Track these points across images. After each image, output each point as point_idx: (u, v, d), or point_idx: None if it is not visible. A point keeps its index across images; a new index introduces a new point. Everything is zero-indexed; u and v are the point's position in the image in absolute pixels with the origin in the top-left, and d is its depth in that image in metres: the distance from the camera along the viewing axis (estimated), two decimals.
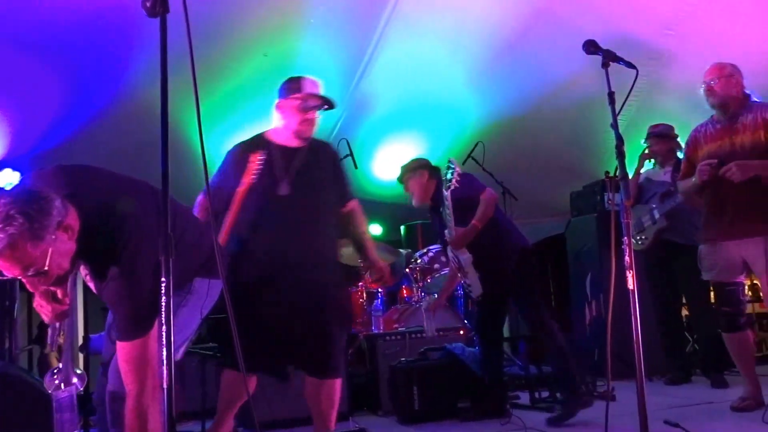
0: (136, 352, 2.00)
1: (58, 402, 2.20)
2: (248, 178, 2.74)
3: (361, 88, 5.54)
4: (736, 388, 4.15)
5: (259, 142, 2.91)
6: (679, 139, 4.77)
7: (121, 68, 4.70)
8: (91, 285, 2.12)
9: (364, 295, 4.81)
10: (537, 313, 3.79)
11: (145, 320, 1.98)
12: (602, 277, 5.01)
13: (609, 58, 2.24)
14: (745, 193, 3.50)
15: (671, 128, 4.88)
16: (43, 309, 2.12)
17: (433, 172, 4.04)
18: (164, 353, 1.68)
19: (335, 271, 2.95)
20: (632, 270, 2.01)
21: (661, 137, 4.83)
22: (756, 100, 3.67)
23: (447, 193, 3.61)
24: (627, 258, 2.03)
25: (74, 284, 2.20)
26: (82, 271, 2.12)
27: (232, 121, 5.43)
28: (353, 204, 3.09)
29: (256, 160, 2.76)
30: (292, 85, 2.92)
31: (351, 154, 4.90)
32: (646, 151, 4.85)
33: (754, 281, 5.27)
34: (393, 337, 4.28)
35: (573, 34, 2.52)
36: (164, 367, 1.68)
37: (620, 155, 2.07)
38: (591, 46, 2.32)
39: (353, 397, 4.06)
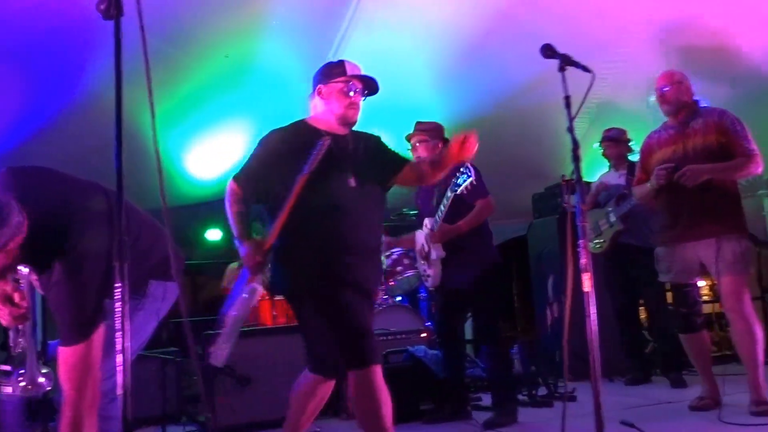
0: (77, 358, 1.97)
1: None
2: (314, 164, 2.52)
3: None
4: (694, 388, 4.24)
5: (303, 128, 2.74)
6: (632, 143, 4.88)
7: (79, 71, 4.60)
8: (38, 287, 2.09)
9: None
10: (489, 321, 3.84)
11: (87, 325, 1.95)
12: (564, 279, 5.06)
13: (565, 62, 2.25)
14: (700, 197, 3.58)
15: (624, 132, 4.98)
16: (1, 312, 2.09)
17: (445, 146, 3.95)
18: (120, 359, 1.66)
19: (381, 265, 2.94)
20: (588, 272, 2.03)
21: (614, 141, 4.94)
22: (704, 105, 3.78)
23: (450, 194, 3.54)
24: (583, 260, 2.04)
25: (32, 288, 2.17)
26: (30, 274, 2.09)
27: (192, 122, 5.37)
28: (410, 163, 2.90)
29: (325, 145, 2.55)
30: (335, 69, 2.77)
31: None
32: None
33: (715, 282, 5.40)
34: None
35: (535, 36, 2.53)
36: (119, 374, 1.66)
37: (575, 159, 2.10)
38: (548, 51, 2.34)
39: None
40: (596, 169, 5.33)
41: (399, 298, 5.27)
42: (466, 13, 4.74)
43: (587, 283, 2.03)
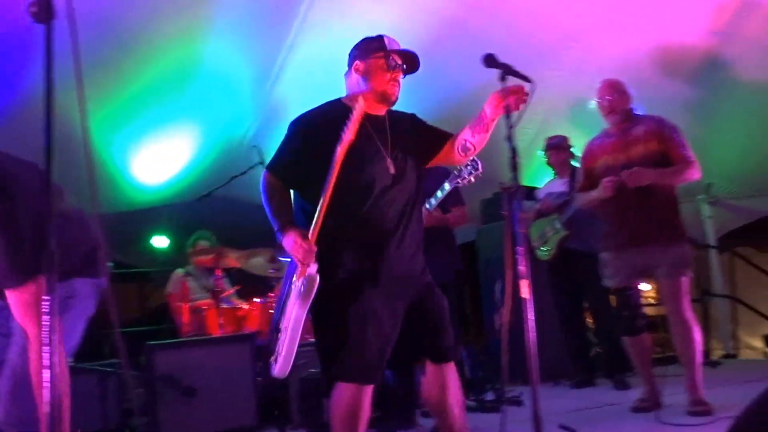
0: (30, 295, 2.02)
1: None
2: (350, 135, 2.34)
3: (274, 94, 5.46)
4: (637, 390, 4.32)
5: (338, 108, 2.55)
6: (574, 149, 4.97)
7: (18, 74, 4.47)
8: None
9: (274, 305, 4.72)
10: None
11: (29, 265, 2.00)
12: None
13: (506, 72, 2.28)
14: (644, 202, 3.68)
15: (566, 139, 5.07)
16: None
17: None
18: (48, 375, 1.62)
19: (423, 260, 2.61)
20: (527, 279, 2.05)
21: (557, 148, 5.02)
22: (639, 113, 3.86)
23: (449, 184, 3.50)
24: (522, 267, 2.07)
25: None
26: None
27: (138, 126, 5.26)
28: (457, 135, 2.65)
29: (360, 111, 2.36)
30: (373, 43, 2.58)
31: (263, 162, 4.82)
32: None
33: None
34: (304, 348, 4.21)
35: (483, 44, 2.55)
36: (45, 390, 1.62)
37: (514, 167, 2.11)
38: (489, 61, 2.36)
39: (261, 411, 3.98)
40: (544, 176, 5.41)
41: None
42: (414, 19, 4.76)
43: (526, 290, 2.04)
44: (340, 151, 2.36)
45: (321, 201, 2.37)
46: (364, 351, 2.38)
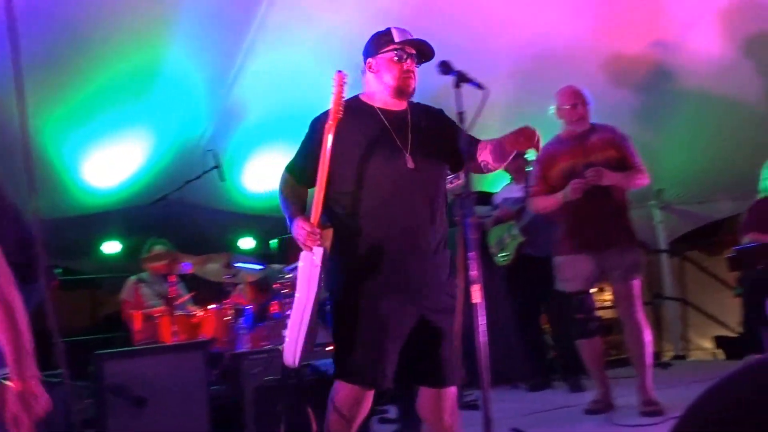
0: None
1: None
2: (336, 106, 2.32)
3: (230, 97, 5.40)
4: (592, 392, 4.38)
5: (355, 106, 2.50)
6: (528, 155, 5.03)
7: None
8: None
9: (230, 312, 4.66)
10: None
11: None
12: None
13: (460, 78, 2.28)
14: (603, 207, 3.75)
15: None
16: None
17: None
18: None
19: (446, 262, 2.53)
20: (478, 284, 2.06)
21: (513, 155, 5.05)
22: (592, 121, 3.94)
23: None
24: (473, 272, 2.07)
25: None
26: None
27: (91, 128, 5.13)
28: (481, 146, 2.56)
29: (340, 81, 2.32)
30: (382, 38, 2.53)
31: (218, 166, 4.77)
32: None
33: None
34: (259, 356, 4.16)
35: (442, 50, 2.54)
36: None
37: (466, 173, 2.12)
38: (444, 67, 2.36)
39: (215, 421, 3.89)
40: (502, 181, 5.45)
41: None
42: (369, 24, 4.75)
43: (476, 295, 2.05)
44: (326, 132, 2.35)
45: (317, 186, 2.37)
46: (372, 354, 2.36)
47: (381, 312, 2.36)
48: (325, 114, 2.49)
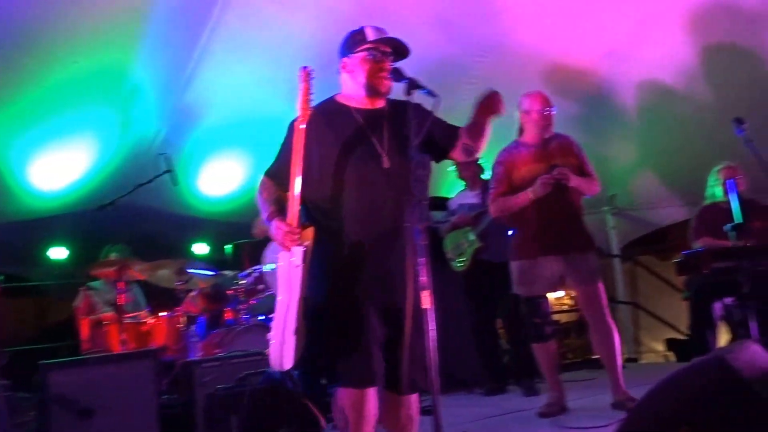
0: None
1: None
2: (304, 103, 2.31)
3: (184, 100, 5.30)
4: (546, 395, 4.42)
5: (331, 107, 2.50)
6: (482, 161, 5.08)
7: None
8: None
9: (182, 319, 4.57)
10: None
11: None
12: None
13: (412, 86, 2.28)
14: (565, 212, 3.81)
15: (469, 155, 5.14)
16: None
17: None
18: None
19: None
20: (428, 289, 2.05)
21: (466, 163, 5.09)
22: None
23: None
24: (423, 278, 2.06)
25: None
26: None
27: (38, 129, 4.98)
28: (461, 131, 2.57)
29: (305, 75, 2.32)
30: (356, 37, 2.50)
31: (170, 170, 4.68)
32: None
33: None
34: (211, 363, 4.09)
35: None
36: None
37: (417, 180, 2.11)
38: (396, 74, 2.36)
39: (164, 430, 3.82)
40: (457, 187, 5.46)
41: (261, 317, 5.14)
42: (323, 29, 4.74)
43: (427, 300, 2.04)
44: (296, 128, 2.33)
45: (291, 184, 2.34)
46: (361, 356, 2.34)
47: (362, 312, 2.35)
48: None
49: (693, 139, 5.49)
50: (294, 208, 2.35)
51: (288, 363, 2.33)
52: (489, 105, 2.50)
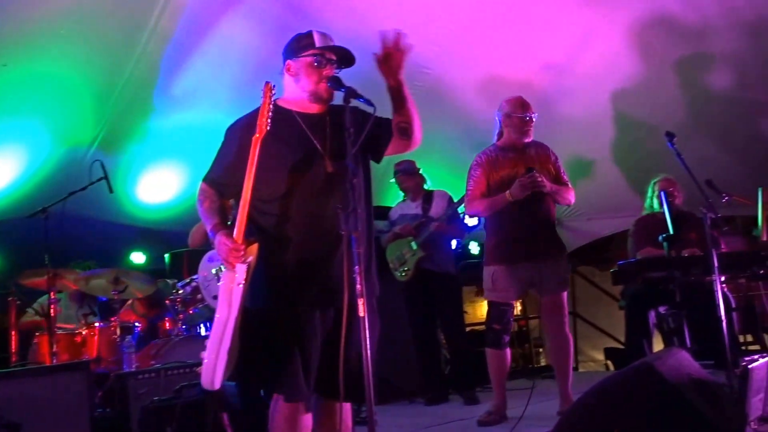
0: None
1: None
2: (263, 120, 2.28)
3: (120, 106, 5.17)
4: (486, 404, 4.45)
5: (273, 110, 2.40)
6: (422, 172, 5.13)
7: None
8: None
9: (117, 330, 4.45)
10: None
11: None
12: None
13: (350, 95, 2.28)
14: (539, 220, 3.85)
15: (413, 163, 5.18)
16: None
17: None
18: None
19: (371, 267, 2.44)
20: (363, 298, 2.04)
21: (407, 173, 5.13)
22: None
23: None
24: (359, 286, 2.05)
25: None
26: None
27: None
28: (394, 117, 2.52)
29: (267, 91, 2.30)
30: (303, 41, 2.46)
31: (105, 177, 4.56)
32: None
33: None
34: (147, 375, 3.98)
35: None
36: None
37: (352, 188, 2.10)
38: (335, 83, 2.36)
39: None
40: (398, 197, 5.47)
41: (200, 328, 5.04)
42: (265, 36, 4.73)
43: (362, 309, 2.03)
44: (253, 146, 2.29)
45: (242, 200, 2.29)
46: (294, 369, 2.32)
47: (300, 321, 2.33)
48: (242, 121, 2.47)
49: (632, 151, 5.63)
50: (242, 223, 2.30)
51: (218, 383, 2.29)
52: (388, 60, 2.40)
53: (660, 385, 2.43)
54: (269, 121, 2.34)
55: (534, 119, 3.96)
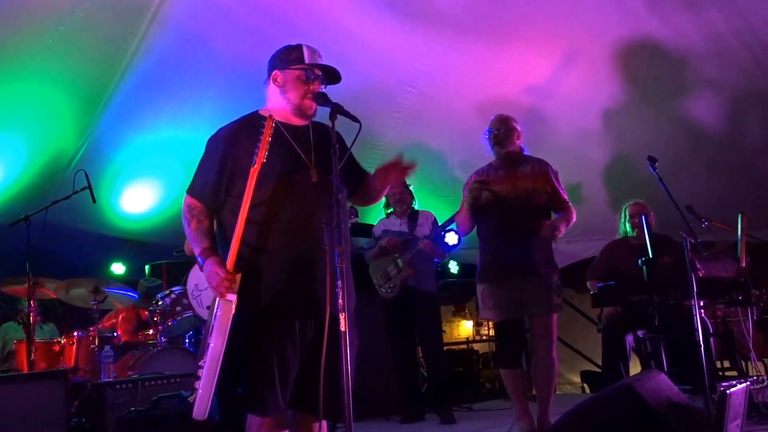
0: None
1: None
2: (262, 152, 2.25)
3: (105, 117, 5.17)
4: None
5: (256, 121, 2.40)
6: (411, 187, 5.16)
7: None
8: None
9: (96, 340, 4.42)
10: None
11: None
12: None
13: (336, 111, 2.30)
14: (528, 238, 3.78)
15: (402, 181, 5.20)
16: None
17: None
18: None
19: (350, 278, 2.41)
20: (344, 312, 2.05)
21: (405, 187, 5.14)
22: (527, 153, 4.02)
23: None
24: (340, 301, 2.07)
25: None
26: None
27: None
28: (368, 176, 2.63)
29: (269, 125, 2.27)
30: (292, 53, 2.47)
31: (89, 187, 4.54)
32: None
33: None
34: (124, 386, 3.96)
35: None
36: None
37: (336, 203, 2.13)
38: (321, 99, 2.39)
39: None
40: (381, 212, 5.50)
41: (178, 339, 5.03)
42: (253, 53, 4.75)
43: (343, 323, 2.04)
44: (252, 174, 2.27)
45: (236, 225, 2.26)
46: (270, 384, 2.29)
47: (278, 336, 2.31)
48: (224, 131, 2.47)
49: (610, 174, 5.70)
50: (234, 253, 2.26)
51: (207, 410, 2.27)
52: (387, 176, 2.55)
53: (640, 408, 2.46)
54: (252, 131, 2.33)
55: (510, 131, 3.92)
